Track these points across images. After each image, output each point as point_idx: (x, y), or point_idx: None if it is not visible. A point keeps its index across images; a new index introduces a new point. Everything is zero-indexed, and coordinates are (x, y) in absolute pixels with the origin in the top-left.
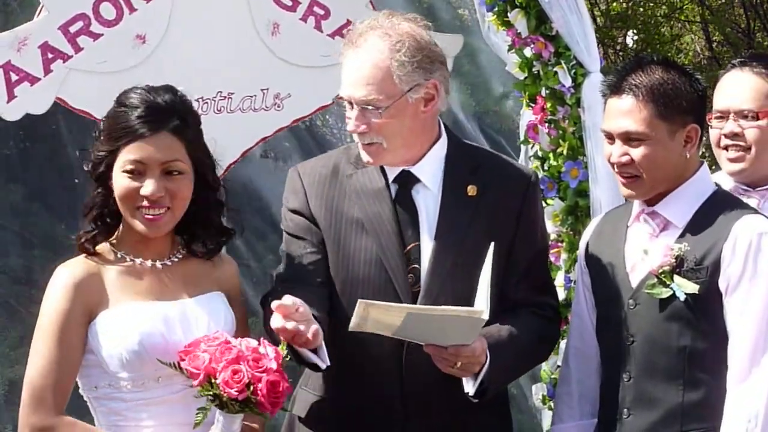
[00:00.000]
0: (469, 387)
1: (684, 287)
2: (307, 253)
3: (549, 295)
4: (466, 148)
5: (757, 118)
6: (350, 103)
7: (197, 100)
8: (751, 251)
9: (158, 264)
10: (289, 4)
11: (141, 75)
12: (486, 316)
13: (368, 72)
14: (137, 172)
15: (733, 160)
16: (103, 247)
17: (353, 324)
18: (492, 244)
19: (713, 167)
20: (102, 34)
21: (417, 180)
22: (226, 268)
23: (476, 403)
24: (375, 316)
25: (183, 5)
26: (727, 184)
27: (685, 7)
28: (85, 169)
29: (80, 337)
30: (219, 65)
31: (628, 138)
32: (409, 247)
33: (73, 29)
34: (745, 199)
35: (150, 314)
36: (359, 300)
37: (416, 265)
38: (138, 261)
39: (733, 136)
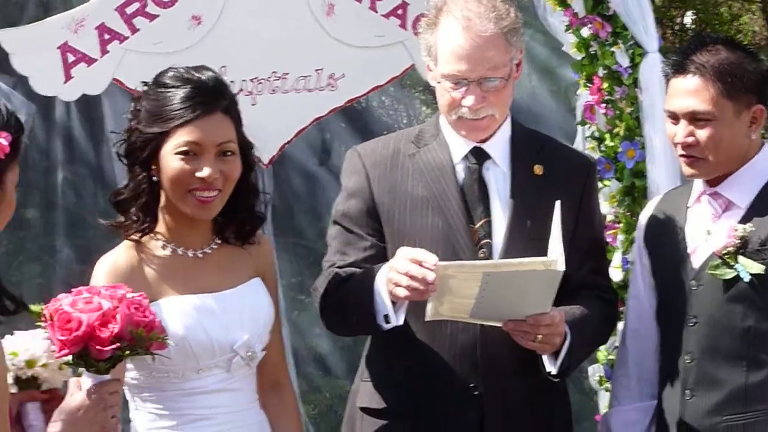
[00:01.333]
0: (551, 366)
1: (749, 268)
2: (366, 242)
3: (607, 278)
4: (527, 129)
5: None
6: (463, 79)
7: (252, 80)
8: None
9: (198, 253)
10: None
11: (196, 56)
12: (562, 267)
13: (487, 45)
14: (192, 153)
15: None
16: (144, 236)
17: (430, 311)
18: (558, 202)
19: None
20: (158, 15)
21: (488, 157)
22: (260, 249)
23: (549, 385)
24: (452, 284)
25: None
26: None
27: None
28: (120, 154)
29: None
30: (274, 46)
31: (694, 118)
32: (479, 223)
33: (129, 10)
34: None
35: (193, 308)
36: (437, 262)
37: (488, 240)
38: (179, 250)
39: None
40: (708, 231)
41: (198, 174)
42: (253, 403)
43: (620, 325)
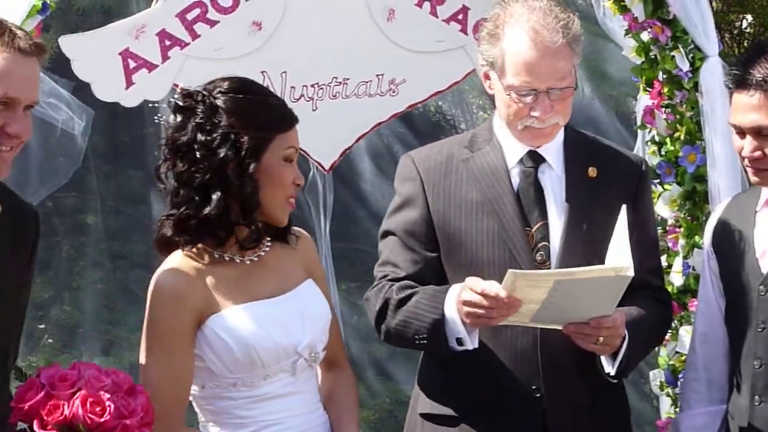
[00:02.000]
0: (609, 367)
1: None
2: (419, 255)
3: (662, 279)
4: (579, 132)
5: None
6: (532, 90)
7: (312, 86)
8: None
9: (254, 257)
10: None
11: (257, 62)
12: (632, 273)
13: (556, 56)
14: (291, 159)
15: None
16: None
17: None
18: (624, 206)
19: None
20: (218, 21)
21: (543, 160)
22: (304, 246)
23: (608, 386)
24: (521, 290)
25: None
26: None
27: None
28: (206, 162)
29: (191, 347)
30: (334, 51)
31: (760, 133)
32: (536, 226)
33: (190, 16)
34: None
35: (256, 315)
36: (509, 270)
37: (545, 242)
38: (237, 258)
39: None
40: None
41: (296, 180)
42: (317, 404)
43: (682, 330)
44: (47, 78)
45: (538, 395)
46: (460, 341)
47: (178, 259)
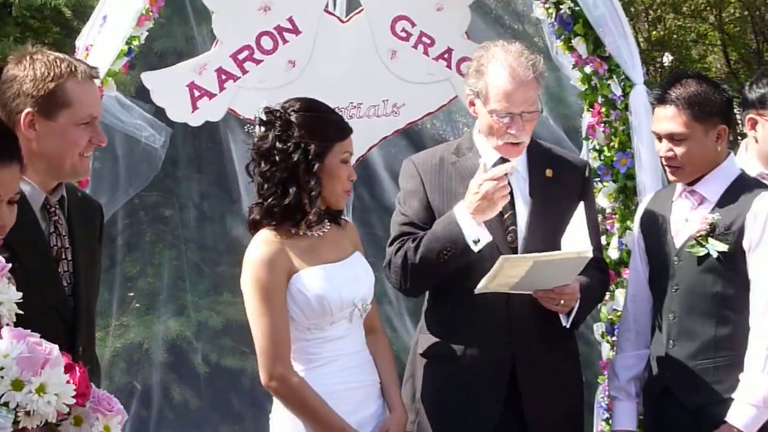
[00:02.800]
0: (566, 321)
1: (717, 247)
2: (422, 231)
3: (601, 252)
4: (538, 143)
5: None
6: (509, 113)
7: (334, 110)
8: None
9: (320, 233)
10: (404, 35)
11: (292, 91)
12: (591, 255)
13: (527, 87)
14: (346, 161)
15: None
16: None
17: (481, 285)
18: (581, 203)
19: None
20: (262, 60)
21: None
22: (351, 229)
23: (562, 333)
24: (506, 270)
25: (324, 38)
26: (752, 170)
27: (708, 34)
28: (283, 164)
29: (285, 299)
30: (351, 82)
31: (672, 138)
32: (507, 214)
33: (240, 57)
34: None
35: (326, 275)
36: (501, 256)
37: (514, 227)
38: (308, 233)
39: None
40: (686, 219)
41: (351, 177)
42: (364, 345)
43: (617, 292)
44: (133, 104)
45: (509, 341)
46: (476, 243)
47: (266, 235)
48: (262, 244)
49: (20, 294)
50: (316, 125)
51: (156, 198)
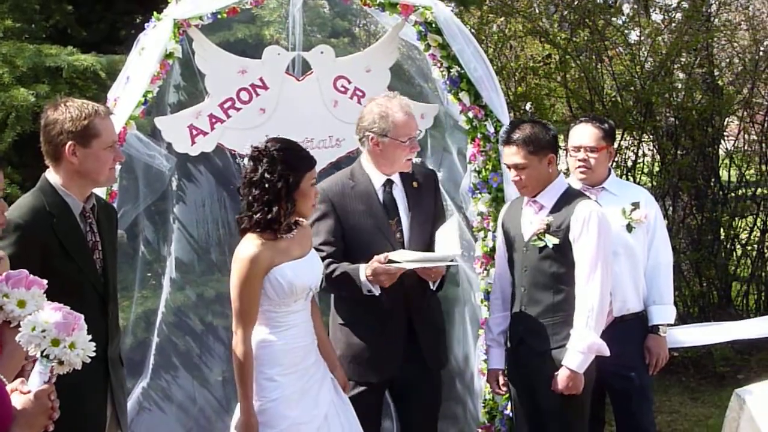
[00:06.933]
0: (433, 286)
1: (551, 240)
2: (336, 240)
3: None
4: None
5: (596, 151)
6: (410, 138)
7: None
8: (585, 220)
9: (291, 236)
10: (343, 90)
11: (264, 131)
12: (459, 253)
13: (414, 121)
14: (314, 184)
15: (582, 173)
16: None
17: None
18: (455, 213)
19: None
20: (241, 108)
21: (392, 182)
22: (307, 230)
23: (431, 294)
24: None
25: (286, 93)
26: (577, 185)
27: (557, 89)
28: (270, 190)
29: (260, 285)
30: (305, 124)
31: (517, 167)
32: (394, 219)
33: (225, 106)
34: (587, 193)
35: (297, 267)
36: (396, 264)
37: (400, 228)
38: (287, 236)
39: (584, 160)
40: (530, 221)
41: (317, 196)
42: (310, 315)
43: (492, 271)
44: (149, 140)
45: (407, 307)
46: (370, 291)
47: (253, 239)
48: (250, 246)
49: (93, 344)
50: (293, 159)
51: (161, 205)
